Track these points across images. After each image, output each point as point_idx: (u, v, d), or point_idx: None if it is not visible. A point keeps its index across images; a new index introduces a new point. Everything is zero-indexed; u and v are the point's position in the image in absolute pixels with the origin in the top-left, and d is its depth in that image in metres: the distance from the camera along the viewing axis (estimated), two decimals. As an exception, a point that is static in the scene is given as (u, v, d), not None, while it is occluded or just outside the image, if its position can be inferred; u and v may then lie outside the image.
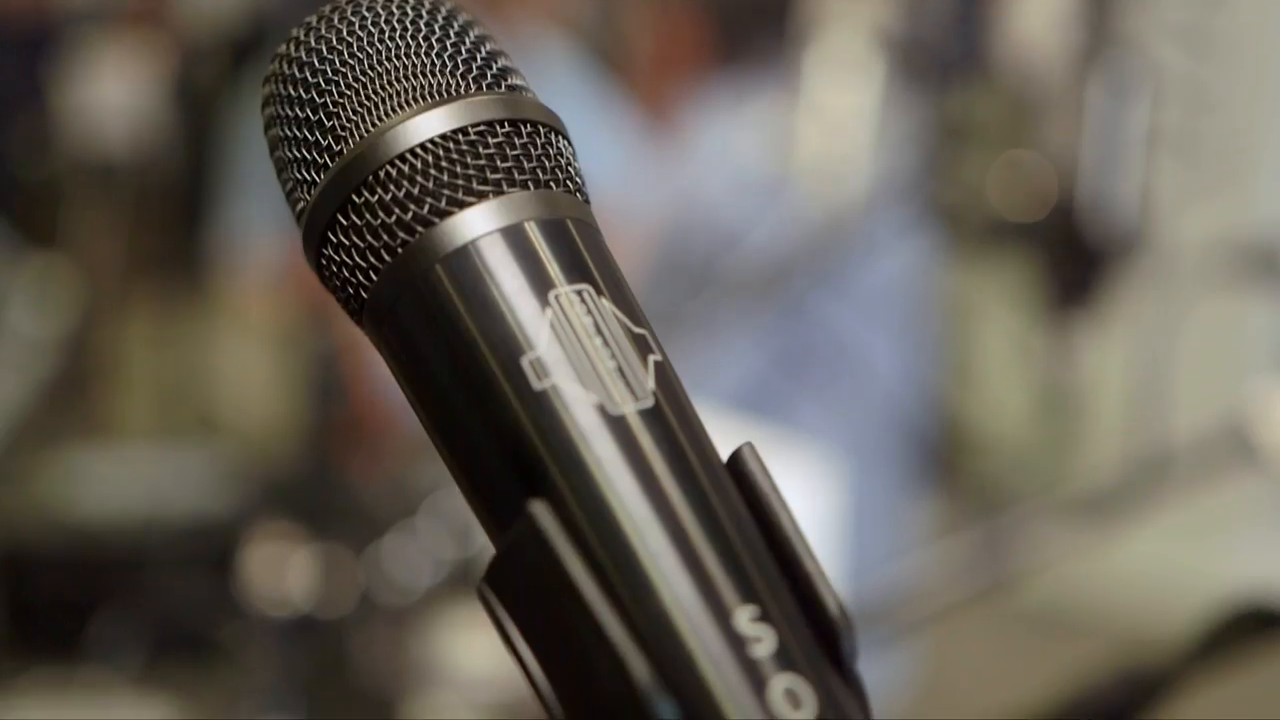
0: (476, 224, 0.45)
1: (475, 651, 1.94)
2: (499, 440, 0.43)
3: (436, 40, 0.46)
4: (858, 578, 2.04)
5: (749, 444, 0.45)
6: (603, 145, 2.35)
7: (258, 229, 2.53)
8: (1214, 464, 1.52)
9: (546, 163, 0.46)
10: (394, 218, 0.45)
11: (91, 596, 1.93)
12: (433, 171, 0.45)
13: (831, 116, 2.29)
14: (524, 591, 0.42)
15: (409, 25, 0.47)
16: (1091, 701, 1.17)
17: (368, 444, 2.25)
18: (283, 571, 1.94)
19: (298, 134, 0.47)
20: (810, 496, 1.88)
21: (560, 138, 0.47)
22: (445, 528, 1.97)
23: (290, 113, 0.47)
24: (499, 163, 0.45)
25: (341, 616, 1.95)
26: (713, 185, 2.30)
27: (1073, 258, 1.80)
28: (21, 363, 2.40)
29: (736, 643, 0.40)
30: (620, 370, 0.43)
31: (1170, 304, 1.71)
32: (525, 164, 0.46)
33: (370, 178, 0.45)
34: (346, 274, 0.46)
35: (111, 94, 2.93)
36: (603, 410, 0.43)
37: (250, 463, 2.25)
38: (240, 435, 2.42)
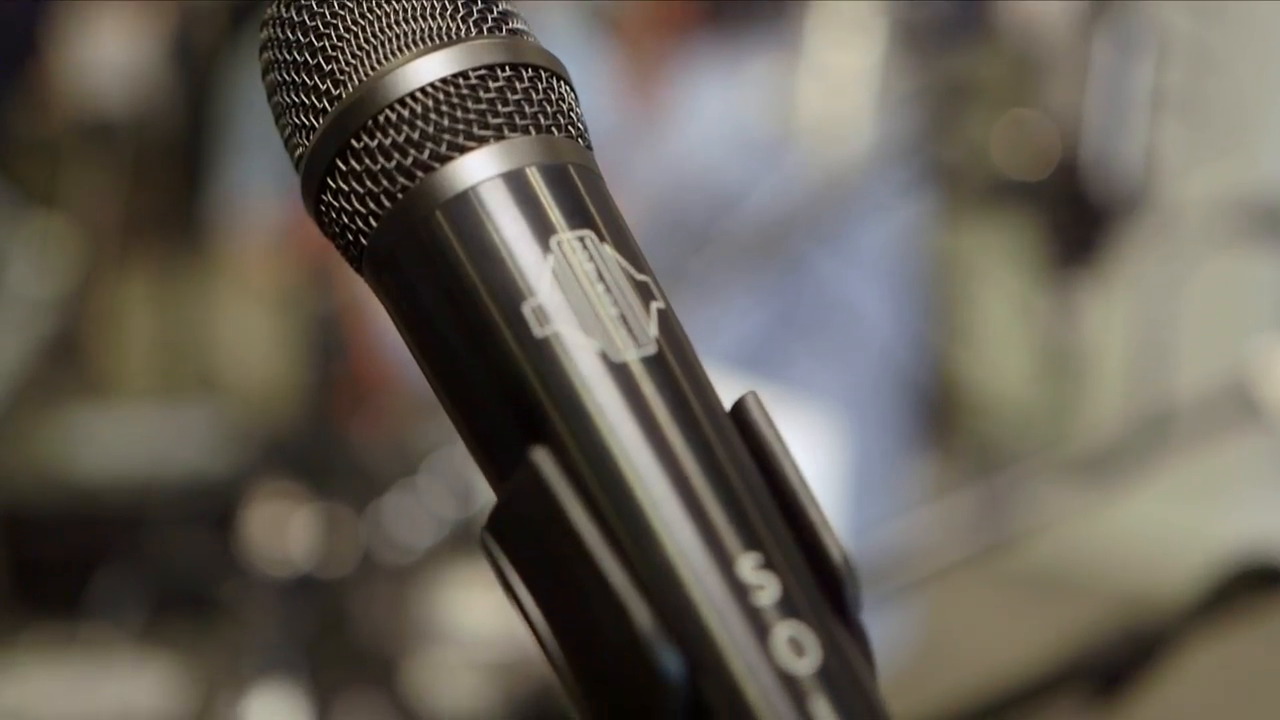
0: (477, 169, 0.44)
1: (476, 610, 1.94)
2: (500, 388, 0.43)
3: None
4: (857, 536, 2.04)
5: (752, 392, 0.45)
6: (598, 104, 2.34)
7: (257, 189, 2.52)
8: (1216, 423, 1.52)
9: (548, 107, 0.46)
10: (393, 163, 0.44)
11: (92, 555, 1.93)
12: (433, 116, 0.44)
13: (833, 76, 2.28)
14: (526, 539, 0.42)
15: None
16: (1093, 658, 1.17)
17: (368, 403, 2.25)
18: (283, 530, 1.94)
19: (296, 78, 0.46)
20: (810, 455, 1.88)
21: (562, 82, 0.47)
22: (446, 487, 1.97)
23: (288, 56, 0.46)
24: (500, 107, 0.45)
25: (342, 575, 1.96)
26: (711, 145, 2.29)
27: (1075, 217, 1.79)
28: (21, 322, 2.40)
29: (740, 591, 0.40)
30: (623, 317, 0.43)
31: (1173, 263, 1.71)
32: (526, 109, 0.45)
33: (369, 122, 0.45)
34: (346, 220, 0.46)
35: (110, 53, 2.91)
36: (605, 357, 0.42)
37: (250, 422, 2.25)
38: (240, 394, 2.42)
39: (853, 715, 0.39)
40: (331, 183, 0.45)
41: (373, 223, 0.45)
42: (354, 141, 0.45)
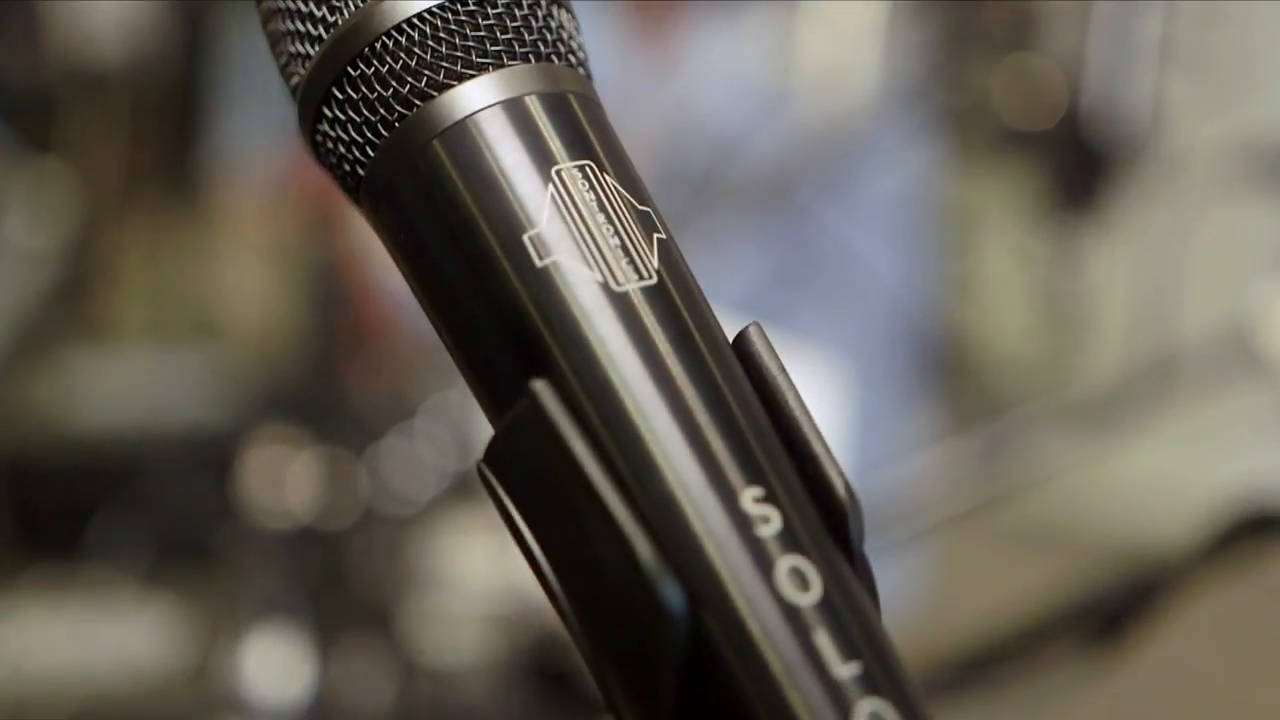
0: (475, 98, 0.43)
1: (476, 562, 1.94)
2: (499, 319, 0.42)
3: None
4: (859, 486, 2.04)
5: (755, 324, 0.44)
6: (600, 51, 2.31)
7: (255, 136, 2.51)
8: (1217, 370, 1.52)
9: (548, 35, 0.45)
10: (391, 91, 0.44)
11: (92, 501, 1.93)
12: (430, 43, 0.44)
13: (836, 23, 2.26)
14: (525, 472, 0.41)
15: None
16: (1093, 603, 1.18)
17: (367, 351, 2.25)
18: (283, 479, 1.94)
19: (292, 4, 0.45)
20: (813, 403, 1.87)
21: (562, 10, 0.46)
22: (445, 436, 1.97)
23: (284, -18, 0.45)
24: (499, 35, 0.44)
25: (342, 526, 1.96)
26: (713, 93, 2.28)
27: (1080, 164, 1.78)
28: (19, 272, 2.39)
29: (743, 523, 0.39)
30: (624, 247, 0.42)
31: (1178, 210, 1.70)
32: (526, 36, 0.44)
33: (366, 50, 0.44)
34: (343, 150, 0.45)
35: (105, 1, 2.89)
36: (606, 288, 0.42)
37: (250, 369, 2.24)
38: (240, 343, 2.42)
39: (855, 647, 0.38)
40: (328, 112, 0.45)
41: (369, 153, 0.44)
42: (350, 69, 0.44)
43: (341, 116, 0.44)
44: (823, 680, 0.38)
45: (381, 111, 0.44)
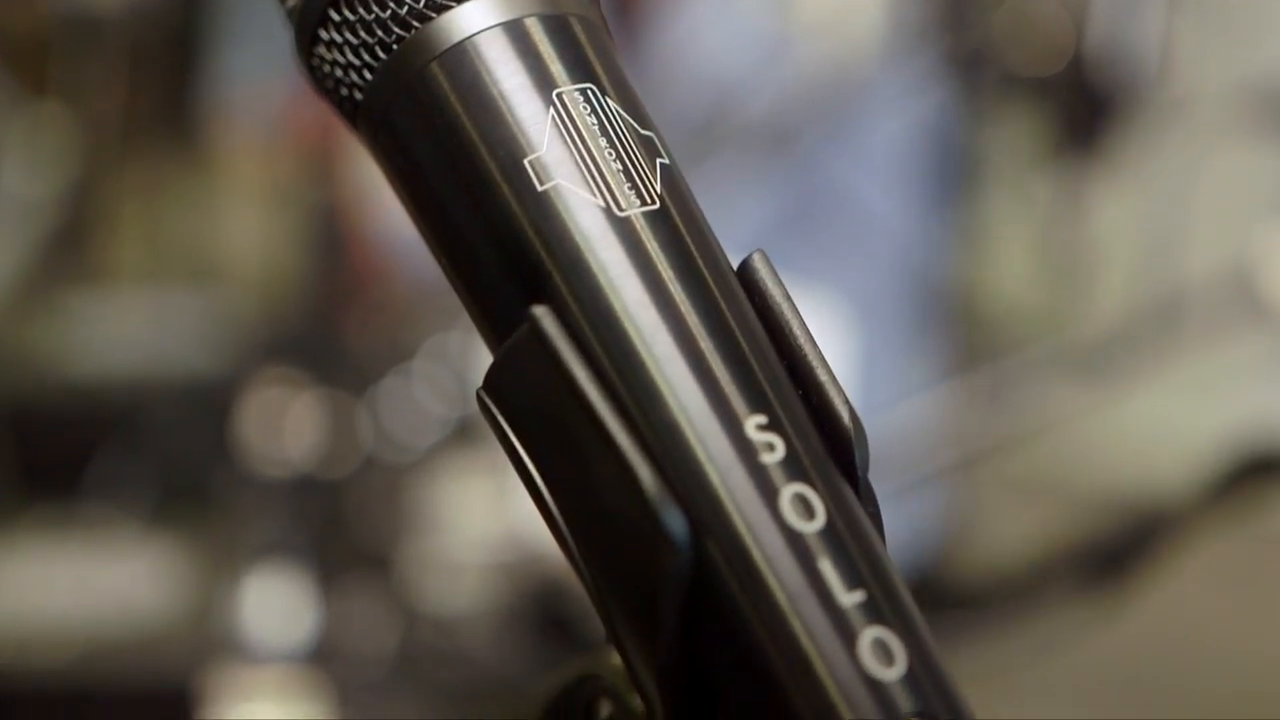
0: (474, 19, 0.42)
1: (477, 509, 1.94)
2: (500, 245, 0.42)
3: None
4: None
5: (760, 251, 0.43)
6: None
7: (254, 81, 2.49)
8: (1221, 315, 1.51)
9: (549, -45, 0.44)
10: (388, 12, 0.43)
11: (91, 447, 1.93)
12: None
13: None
14: (525, 399, 0.41)
15: None
16: (1097, 545, 1.18)
17: (367, 295, 2.24)
18: (283, 422, 1.94)
19: None
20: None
21: None
22: (446, 380, 1.97)
23: (278, -99, 0.44)
24: (498, -46, 0.43)
25: (342, 473, 1.96)
26: (714, 38, 2.26)
27: (1085, 108, 1.77)
28: (17, 219, 2.38)
29: (746, 450, 0.39)
30: (626, 172, 0.42)
31: (1183, 155, 1.69)
32: (526, -44, 0.43)
33: (363, -31, 0.43)
34: (340, 75, 0.44)
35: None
36: (608, 212, 0.41)
37: (250, 314, 2.24)
38: (239, 287, 2.41)
39: (860, 575, 0.38)
40: (324, 35, 0.44)
41: (367, 76, 0.43)
42: (346, -10, 0.43)
43: (338, 39, 0.44)
44: (827, 608, 0.37)
45: (379, 34, 0.43)
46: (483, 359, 0.42)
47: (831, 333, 1.97)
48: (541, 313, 0.40)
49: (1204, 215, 1.78)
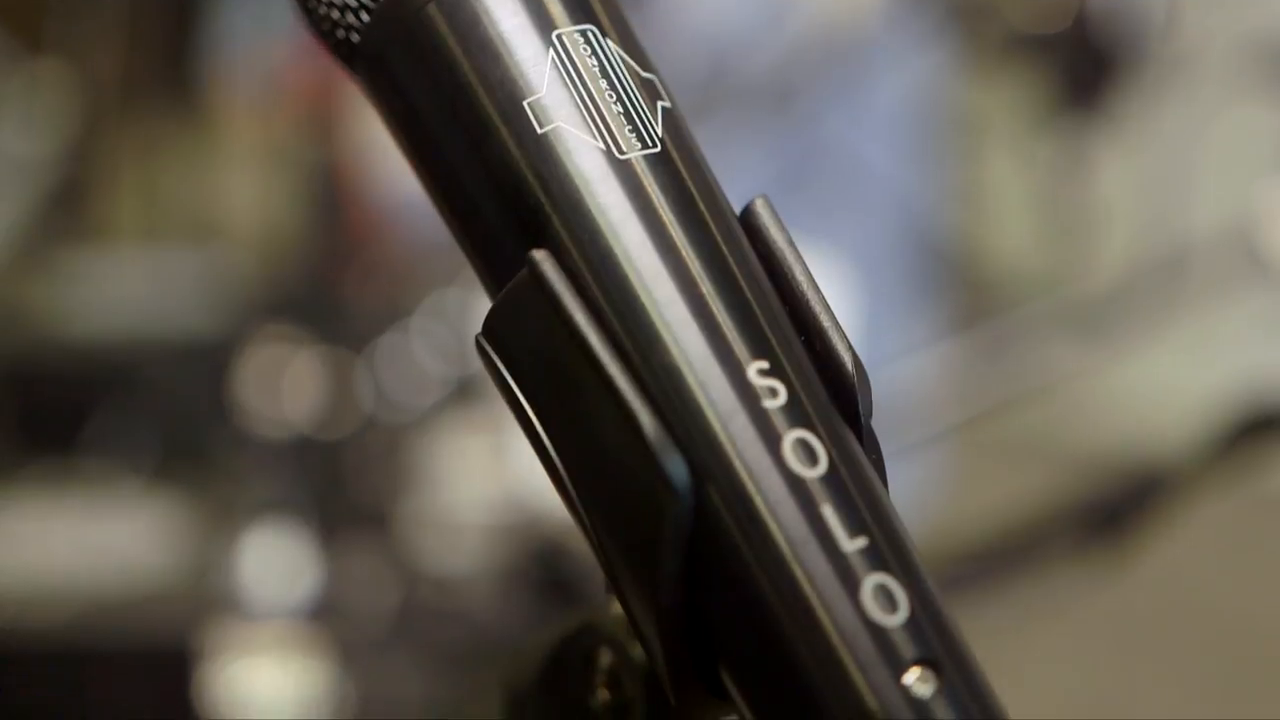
0: None
1: (477, 470, 1.94)
2: (498, 190, 0.41)
3: None
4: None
5: (763, 196, 0.43)
6: None
7: (253, 38, 2.48)
8: (1224, 274, 1.50)
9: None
10: (384, -48, 0.42)
11: (90, 405, 1.93)
12: None
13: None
14: (524, 344, 0.40)
15: None
16: (1096, 501, 1.17)
17: (366, 253, 2.24)
18: (282, 381, 1.94)
19: None
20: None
21: None
22: (445, 338, 1.96)
23: None
24: (497, -108, 0.42)
25: (341, 432, 1.96)
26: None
27: (1089, 64, 1.76)
28: (14, 178, 2.38)
29: (748, 396, 0.38)
30: (627, 114, 0.41)
31: (1188, 113, 1.68)
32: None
33: (359, -94, 0.42)
34: (335, 16, 0.43)
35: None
36: (609, 155, 0.40)
37: (249, 272, 2.23)
38: (238, 245, 2.41)
39: (863, 520, 0.37)
40: (320, -25, 0.43)
41: (364, 18, 0.43)
42: (342, -73, 0.43)
43: (334, -21, 0.43)
44: (829, 553, 0.37)
45: (375, -26, 0.42)
46: (482, 314, 0.41)
47: (831, 292, 1.96)
48: (541, 256, 0.40)
49: (1207, 173, 1.77)
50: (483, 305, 0.42)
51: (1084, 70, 1.77)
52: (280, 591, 1.70)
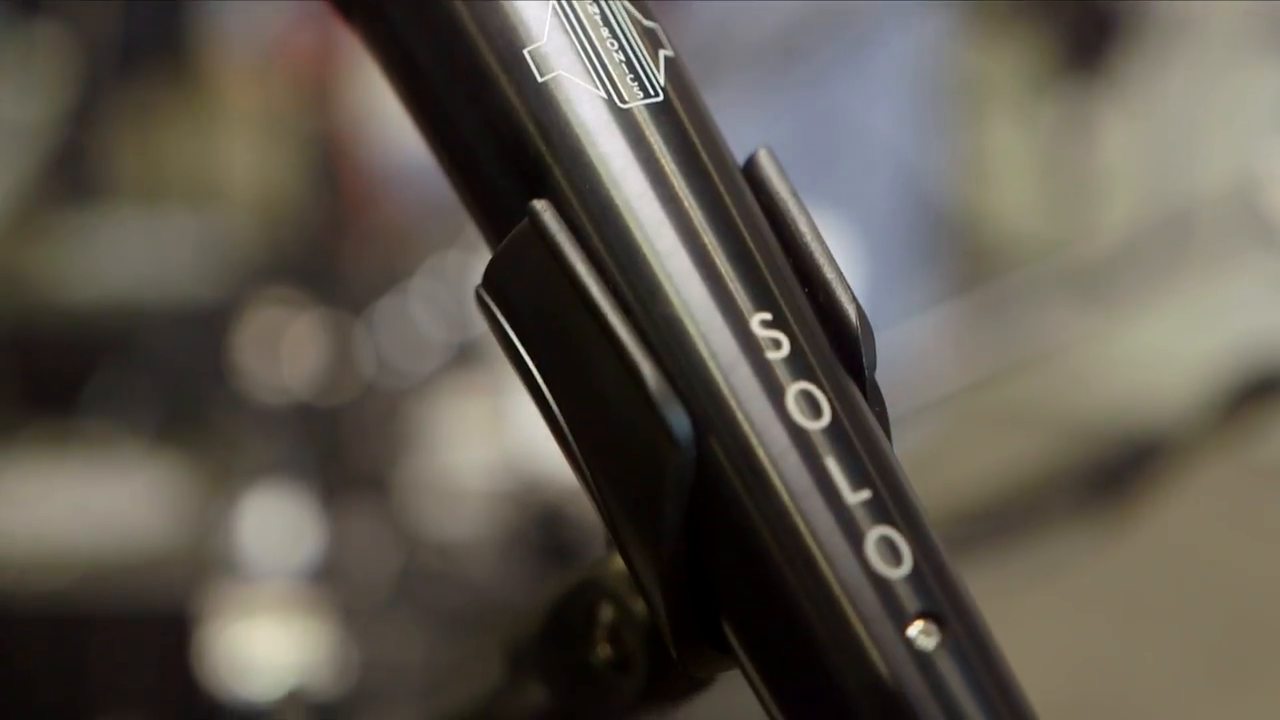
0: None
1: (477, 436, 1.94)
2: (499, 138, 0.40)
3: None
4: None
5: (766, 147, 0.42)
6: None
7: (251, 3, 2.47)
8: (1227, 237, 1.50)
9: None
10: (380, -103, 0.42)
11: (89, 368, 1.93)
12: None
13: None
14: (525, 296, 0.40)
15: None
16: (1097, 462, 1.17)
17: (364, 218, 2.24)
18: (281, 346, 1.93)
19: None
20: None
21: None
22: (444, 305, 1.96)
23: None
24: None
25: (341, 396, 1.96)
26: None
27: (1092, 27, 1.75)
28: (12, 141, 2.37)
29: (751, 347, 0.38)
30: (629, 63, 0.40)
31: (1192, 73, 1.67)
32: None
33: None
34: (331, -37, 0.43)
35: None
36: (610, 104, 0.40)
37: (248, 236, 2.23)
38: (238, 208, 2.41)
39: (866, 473, 0.37)
40: (315, -79, 0.43)
41: None
42: None
43: (328, -75, 0.42)
44: (832, 505, 0.36)
45: (371, -80, 0.42)
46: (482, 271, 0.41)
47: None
48: (541, 206, 0.39)
49: (1211, 136, 1.76)
50: (483, 265, 0.41)
51: (1087, 33, 1.77)
52: (281, 555, 1.70)
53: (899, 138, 2.23)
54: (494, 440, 1.92)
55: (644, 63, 0.41)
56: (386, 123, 2.06)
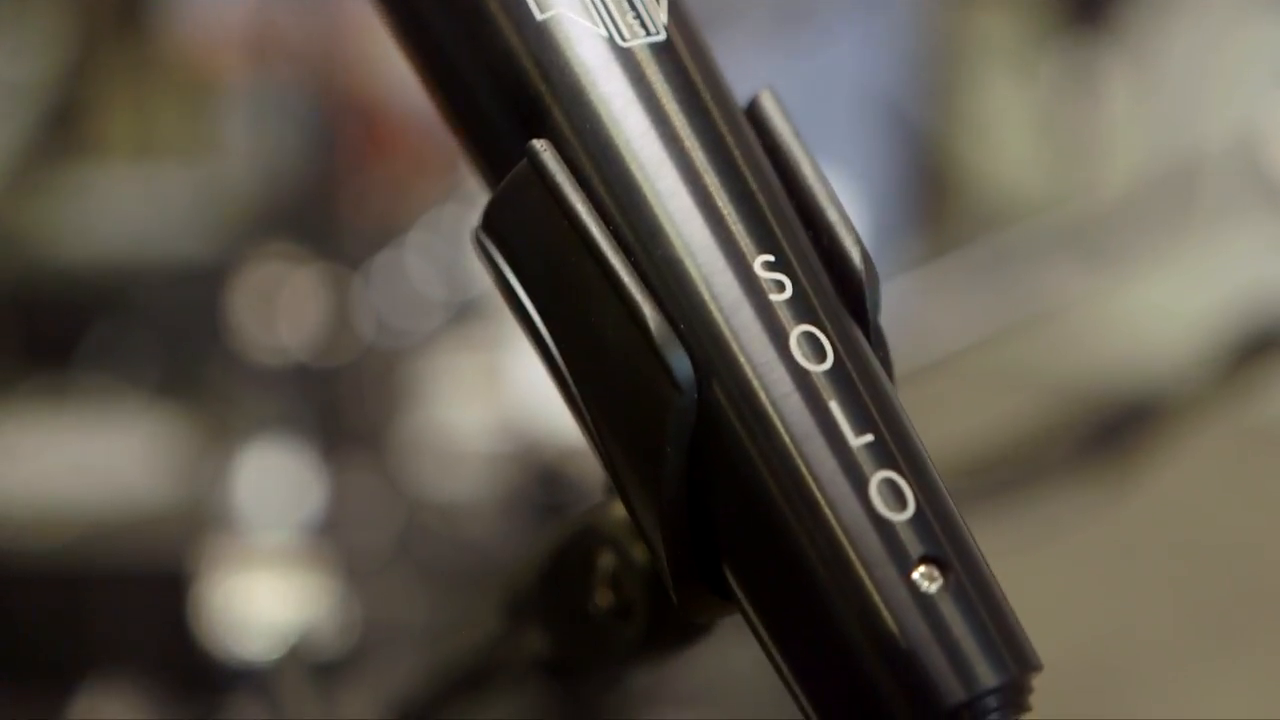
0: None
1: (476, 397, 1.94)
2: (497, 78, 0.40)
3: None
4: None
5: (769, 89, 0.42)
6: None
7: None
8: (1228, 193, 1.49)
9: None
10: None
11: (86, 326, 1.92)
12: None
13: None
14: (524, 238, 0.39)
15: None
16: (1096, 426, 1.17)
17: (362, 172, 2.23)
18: (279, 301, 1.93)
19: None
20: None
21: None
22: (443, 261, 1.95)
23: None
24: None
25: (340, 354, 1.95)
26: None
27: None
28: (7, 100, 2.36)
29: (754, 289, 0.37)
30: (630, 1, 0.40)
31: (1194, 28, 1.66)
32: None
33: None
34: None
35: None
36: (611, 43, 0.39)
37: (245, 193, 2.22)
38: (233, 164, 2.40)
39: (870, 417, 0.36)
40: None
41: None
42: None
43: None
44: (836, 449, 0.36)
45: None
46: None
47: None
48: (541, 146, 0.39)
49: (1214, 92, 1.75)
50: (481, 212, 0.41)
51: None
52: (279, 512, 1.70)
53: (898, 93, 2.22)
54: (493, 397, 1.92)
55: (645, 1, 0.40)
56: (386, 69, 2.05)
